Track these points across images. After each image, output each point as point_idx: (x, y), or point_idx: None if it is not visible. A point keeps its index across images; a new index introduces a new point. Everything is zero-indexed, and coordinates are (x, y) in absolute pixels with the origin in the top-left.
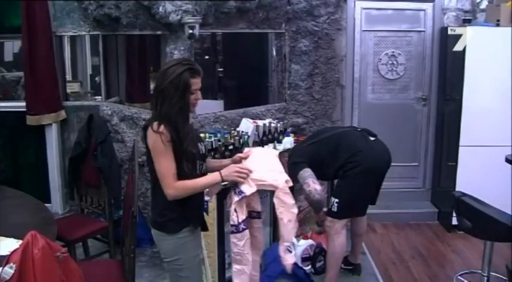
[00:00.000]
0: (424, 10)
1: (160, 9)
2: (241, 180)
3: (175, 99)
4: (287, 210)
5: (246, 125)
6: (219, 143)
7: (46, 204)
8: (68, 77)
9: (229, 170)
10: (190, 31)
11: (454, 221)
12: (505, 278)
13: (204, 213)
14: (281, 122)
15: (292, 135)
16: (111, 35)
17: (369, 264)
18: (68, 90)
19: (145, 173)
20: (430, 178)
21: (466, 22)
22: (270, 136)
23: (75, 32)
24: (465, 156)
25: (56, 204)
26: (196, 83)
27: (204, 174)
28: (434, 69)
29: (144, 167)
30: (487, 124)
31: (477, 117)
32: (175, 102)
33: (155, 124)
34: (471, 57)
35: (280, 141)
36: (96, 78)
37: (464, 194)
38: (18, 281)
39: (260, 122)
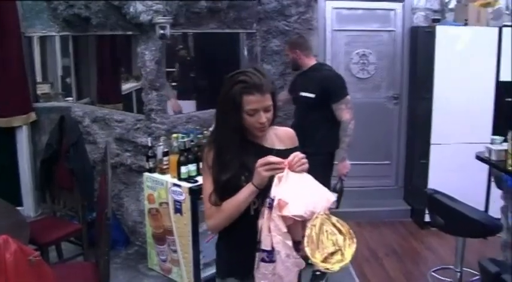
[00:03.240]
0: (394, 10)
1: (131, 9)
2: (275, 172)
3: (223, 119)
4: (282, 241)
5: None
6: (192, 143)
7: (18, 208)
8: (38, 78)
9: (257, 171)
10: (162, 31)
11: (427, 218)
12: (477, 273)
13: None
14: None
15: None
16: (81, 35)
17: None
18: (38, 92)
19: (118, 175)
20: (403, 176)
21: (435, 21)
22: None
23: (44, 33)
24: (436, 154)
25: (28, 207)
26: (253, 101)
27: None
28: (405, 68)
29: (117, 169)
30: (458, 122)
31: (448, 115)
32: (223, 124)
33: (207, 142)
34: (440, 56)
35: None
36: (67, 79)
37: (436, 192)
38: None
39: None
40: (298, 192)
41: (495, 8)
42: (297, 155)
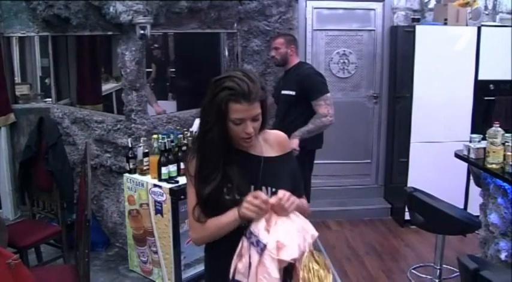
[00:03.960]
0: (374, 9)
1: (111, 9)
2: (253, 215)
3: (207, 126)
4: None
5: None
6: (172, 144)
7: None
8: (17, 79)
9: (244, 205)
10: (142, 31)
11: (407, 216)
12: (456, 270)
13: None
14: None
15: None
16: (60, 35)
17: None
18: (17, 93)
19: (98, 176)
20: (383, 175)
21: (415, 21)
22: None
23: (23, 33)
24: (416, 153)
25: (7, 210)
26: (240, 110)
27: None
28: (385, 68)
29: (97, 170)
30: (437, 121)
31: (427, 114)
32: (207, 131)
33: (190, 149)
34: (420, 55)
35: None
36: (46, 80)
37: (416, 190)
38: None
39: None
40: (289, 232)
41: (474, 8)
42: (284, 196)
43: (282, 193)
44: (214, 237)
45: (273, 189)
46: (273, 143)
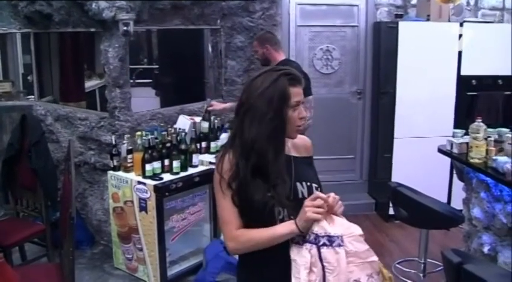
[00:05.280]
0: (357, 5)
1: (94, 5)
2: (318, 217)
3: (268, 116)
4: (362, 264)
5: (183, 122)
6: (156, 140)
7: None
8: None
9: (302, 212)
10: (125, 28)
11: (391, 211)
12: (440, 264)
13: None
14: (218, 119)
15: (229, 131)
16: (43, 32)
17: None
18: None
19: (82, 174)
20: (367, 170)
21: (398, 17)
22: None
23: (5, 30)
24: (400, 148)
25: None
26: (297, 93)
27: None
28: (369, 64)
29: (81, 167)
30: (420, 116)
31: (410, 109)
32: (269, 122)
33: (222, 156)
34: (403, 51)
35: (217, 138)
36: (29, 77)
37: (400, 185)
38: None
39: (197, 119)
40: (344, 220)
41: (456, 4)
42: (336, 197)
43: (333, 194)
44: (259, 248)
45: (308, 184)
46: (299, 145)
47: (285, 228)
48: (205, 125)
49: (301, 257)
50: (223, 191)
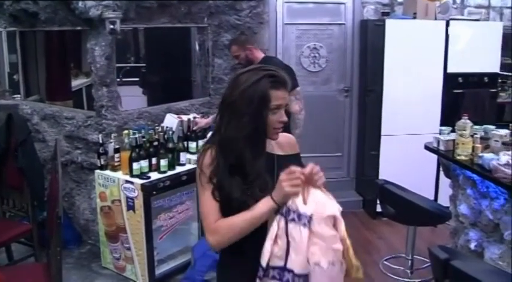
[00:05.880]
0: (344, 3)
1: (80, 4)
2: (296, 190)
3: (246, 117)
4: (325, 248)
5: (171, 121)
6: (144, 139)
7: None
8: None
9: (278, 185)
10: (112, 26)
11: (379, 208)
12: (427, 260)
13: None
14: (206, 117)
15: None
16: (29, 31)
17: None
18: None
19: (69, 173)
20: (354, 167)
21: (385, 15)
22: (198, 132)
23: None
24: (387, 145)
25: None
26: (279, 97)
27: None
28: (356, 61)
29: (68, 167)
30: (407, 114)
31: (397, 107)
32: (247, 122)
33: (205, 150)
34: (390, 49)
35: (205, 136)
36: (15, 76)
37: (387, 182)
38: None
39: (184, 117)
40: (322, 196)
41: (442, 2)
42: (315, 167)
43: (312, 165)
44: (242, 235)
45: None
46: (283, 143)
47: (263, 206)
48: (193, 144)
49: (270, 227)
50: (203, 184)
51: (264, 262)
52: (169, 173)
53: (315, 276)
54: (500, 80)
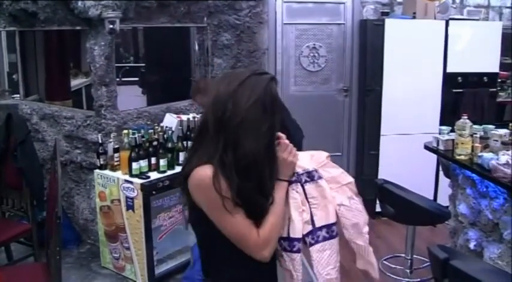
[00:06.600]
0: (343, 3)
1: (79, 3)
2: (297, 157)
3: (264, 127)
4: (340, 188)
5: (170, 120)
6: (143, 139)
7: None
8: None
9: (282, 164)
10: (111, 26)
11: (378, 208)
12: (427, 260)
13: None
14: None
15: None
16: (28, 30)
17: None
18: None
19: (69, 172)
20: (354, 167)
21: (384, 15)
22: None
23: None
24: (386, 145)
25: None
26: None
27: None
28: (355, 61)
29: (67, 166)
30: (407, 113)
31: (396, 106)
32: (264, 134)
33: (209, 171)
34: (389, 48)
35: None
36: (14, 76)
37: (386, 182)
38: None
39: (184, 117)
40: (308, 154)
41: (442, 1)
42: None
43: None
44: (279, 233)
45: None
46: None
47: (281, 192)
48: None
49: (292, 199)
50: (231, 210)
51: (300, 233)
52: (169, 172)
53: (343, 216)
54: (499, 80)
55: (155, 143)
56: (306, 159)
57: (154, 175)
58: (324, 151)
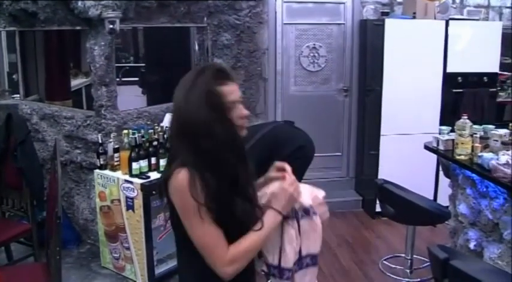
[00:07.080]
0: (343, 3)
1: (79, 3)
2: (299, 194)
3: (217, 126)
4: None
5: (170, 120)
6: (143, 139)
7: None
8: None
9: (282, 196)
10: (111, 26)
11: (378, 208)
12: (427, 259)
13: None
14: None
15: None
16: (28, 30)
17: None
18: None
19: (69, 172)
20: (354, 167)
21: (384, 15)
22: None
23: None
24: (386, 145)
25: None
26: (231, 91)
27: None
28: (355, 61)
29: (67, 166)
30: (407, 113)
31: (396, 106)
32: (220, 134)
33: (186, 175)
34: (389, 48)
35: None
36: (14, 76)
37: (386, 182)
38: None
39: None
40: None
41: (442, 1)
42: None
43: (279, 163)
44: (251, 258)
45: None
46: None
47: (271, 222)
48: None
49: (287, 234)
50: (202, 216)
51: (291, 264)
52: None
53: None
54: (499, 80)
55: (155, 143)
56: (306, 195)
57: (154, 175)
58: (322, 190)
